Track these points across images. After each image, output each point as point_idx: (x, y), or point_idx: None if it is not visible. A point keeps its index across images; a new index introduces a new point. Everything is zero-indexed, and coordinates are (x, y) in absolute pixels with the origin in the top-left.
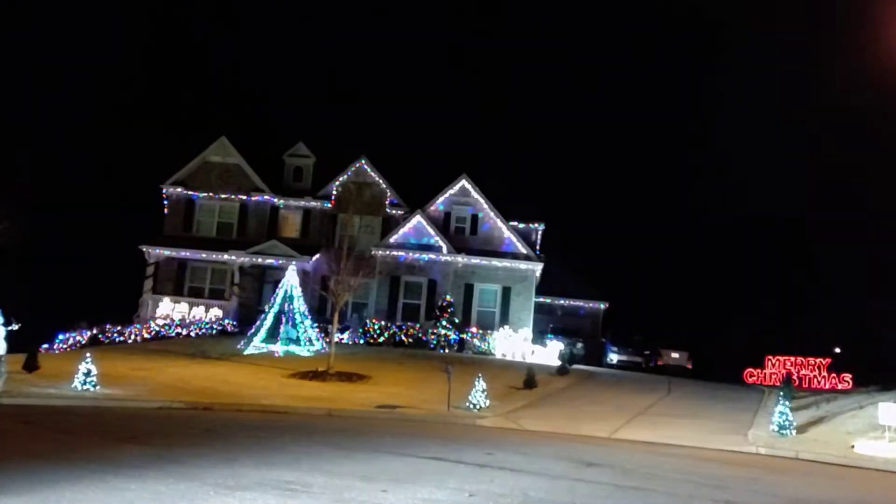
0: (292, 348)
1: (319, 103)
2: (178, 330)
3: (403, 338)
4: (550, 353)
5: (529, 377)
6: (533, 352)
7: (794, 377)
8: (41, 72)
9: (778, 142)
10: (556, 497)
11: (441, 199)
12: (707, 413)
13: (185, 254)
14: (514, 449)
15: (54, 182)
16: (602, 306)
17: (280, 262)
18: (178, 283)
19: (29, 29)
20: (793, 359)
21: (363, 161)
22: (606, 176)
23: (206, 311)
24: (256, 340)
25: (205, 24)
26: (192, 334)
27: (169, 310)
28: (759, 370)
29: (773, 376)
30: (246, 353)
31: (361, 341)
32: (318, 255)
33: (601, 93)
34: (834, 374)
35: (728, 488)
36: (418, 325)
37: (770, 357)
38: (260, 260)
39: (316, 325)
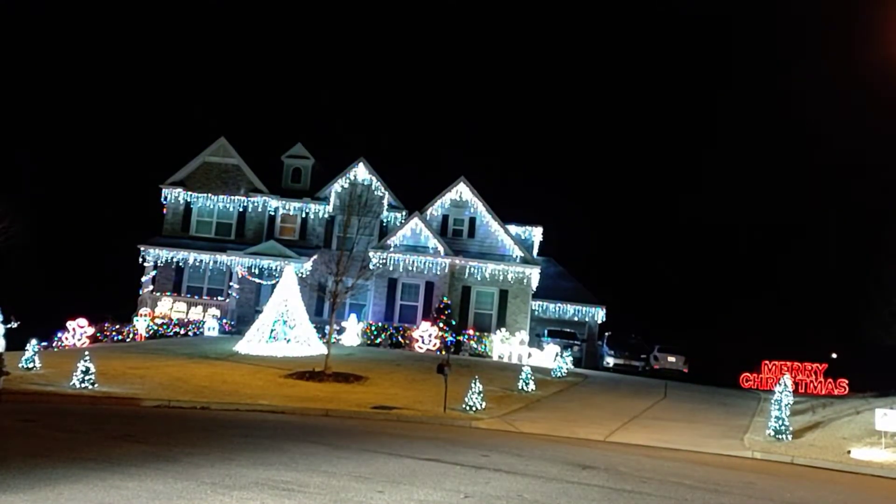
0: (290, 349)
1: (319, 105)
2: (177, 329)
3: (401, 339)
4: (547, 355)
5: (526, 380)
6: (530, 354)
7: (791, 382)
8: (41, 71)
9: (777, 143)
10: (550, 499)
11: (439, 201)
12: (703, 417)
13: (183, 254)
14: (510, 451)
15: (54, 182)
16: (599, 310)
17: (278, 262)
18: (177, 283)
19: (29, 28)
20: (789, 364)
21: (361, 163)
22: (605, 179)
23: (204, 310)
24: (254, 340)
25: (205, 24)
26: (191, 334)
27: (167, 309)
28: (755, 375)
29: (770, 381)
30: (243, 353)
31: (359, 342)
32: (315, 257)
33: (600, 94)
34: (830, 380)
35: (723, 492)
36: (415, 327)
37: (766, 362)
38: (258, 261)
39: (313, 325)
